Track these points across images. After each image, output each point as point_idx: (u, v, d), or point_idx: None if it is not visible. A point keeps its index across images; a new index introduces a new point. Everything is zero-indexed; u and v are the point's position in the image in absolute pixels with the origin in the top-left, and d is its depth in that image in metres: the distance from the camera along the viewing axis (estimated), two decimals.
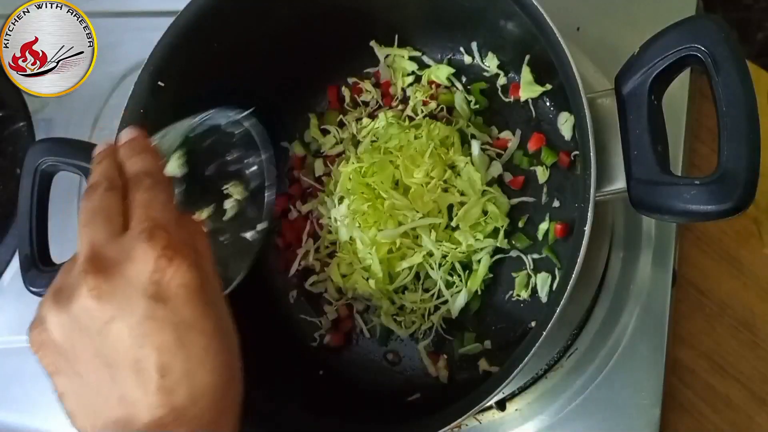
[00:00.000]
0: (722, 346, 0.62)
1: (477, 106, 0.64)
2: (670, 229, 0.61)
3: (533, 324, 0.58)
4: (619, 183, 0.43)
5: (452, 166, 0.61)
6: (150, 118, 0.55)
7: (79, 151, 0.55)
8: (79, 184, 0.71)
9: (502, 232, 0.60)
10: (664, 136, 0.44)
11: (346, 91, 0.69)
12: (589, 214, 0.42)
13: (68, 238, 0.55)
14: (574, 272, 0.42)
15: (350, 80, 0.69)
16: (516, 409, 0.62)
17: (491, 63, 0.64)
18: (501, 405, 0.61)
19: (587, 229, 0.42)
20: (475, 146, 0.61)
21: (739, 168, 0.39)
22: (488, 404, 0.59)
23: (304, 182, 0.68)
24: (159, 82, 0.56)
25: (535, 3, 0.47)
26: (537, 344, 0.43)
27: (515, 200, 0.61)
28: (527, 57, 0.60)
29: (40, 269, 0.55)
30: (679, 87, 0.61)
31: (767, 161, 0.64)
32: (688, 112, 0.61)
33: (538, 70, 0.60)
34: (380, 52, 0.67)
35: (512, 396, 0.62)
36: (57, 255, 0.56)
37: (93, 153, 0.45)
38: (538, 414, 0.61)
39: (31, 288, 0.55)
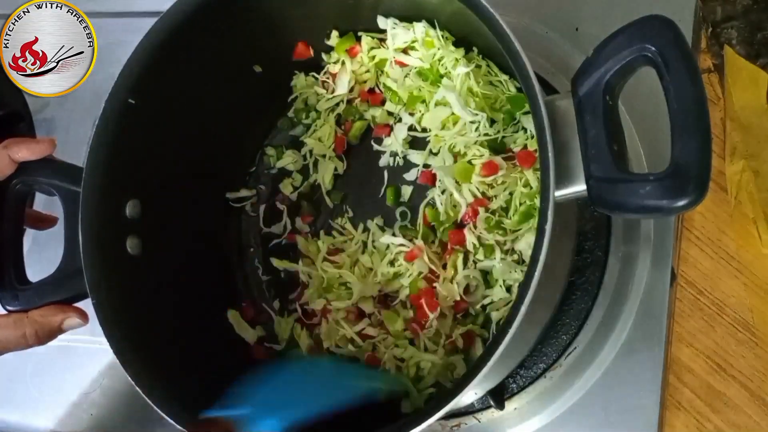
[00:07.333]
0: (721, 346, 0.62)
1: None
2: (669, 228, 0.61)
3: None
4: (580, 184, 0.43)
5: None
6: (121, 136, 0.55)
7: (54, 170, 0.55)
8: None
9: None
10: (621, 134, 0.45)
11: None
12: (550, 212, 0.42)
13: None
14: (537, 270, 0.42)
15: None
16: (515, 408, 0.62)
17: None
18: (500, 403, 0.61)
19: (548, 227, 0.42)
20: None
21: (690, 163, 0.39)
22: (464, 404, 0.61)
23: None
24: (130, 100, 0.55)
25: (488, 7, 0.46)
26: (503, 344, 0.42)
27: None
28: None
29: (16, 288, 0.54)
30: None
31: (765, 162, 0.65)
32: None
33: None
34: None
35: (511, 395, 0.62)
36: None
37: None
38: (537, 413, 0.61)
39: (7, 308, 0.53)
